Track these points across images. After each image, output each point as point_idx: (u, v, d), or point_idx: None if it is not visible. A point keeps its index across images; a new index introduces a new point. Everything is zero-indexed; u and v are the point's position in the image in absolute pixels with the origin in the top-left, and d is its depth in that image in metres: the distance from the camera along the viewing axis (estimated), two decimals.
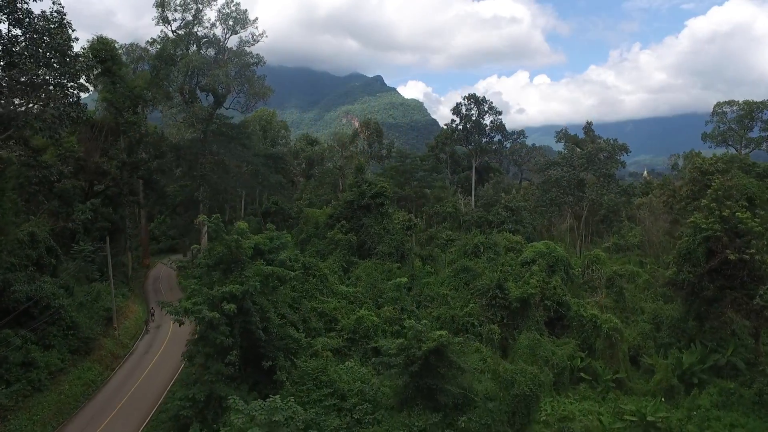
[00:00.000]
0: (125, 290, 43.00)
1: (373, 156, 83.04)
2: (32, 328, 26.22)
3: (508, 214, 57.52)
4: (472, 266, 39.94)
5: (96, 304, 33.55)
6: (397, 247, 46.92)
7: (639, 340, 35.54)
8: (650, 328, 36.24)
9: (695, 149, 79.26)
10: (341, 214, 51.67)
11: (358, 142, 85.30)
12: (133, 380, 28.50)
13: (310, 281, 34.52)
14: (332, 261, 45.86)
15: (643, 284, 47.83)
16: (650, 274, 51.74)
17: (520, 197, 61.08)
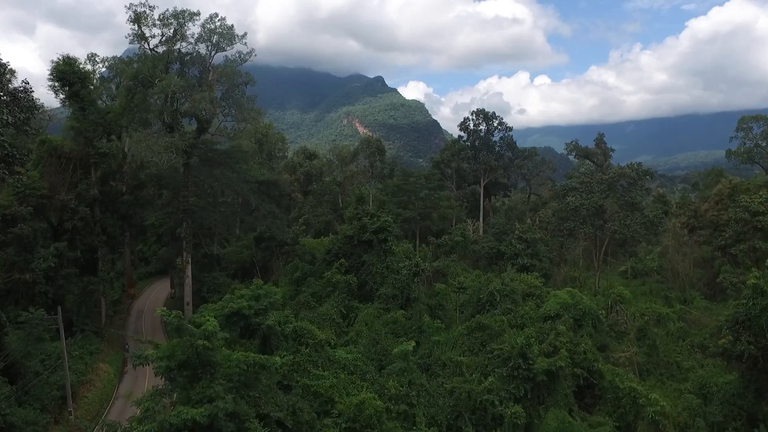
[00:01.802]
0: (96, 345, 38.06)
1: (374, 175, 77.97)
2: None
3: (523, 247, 52.48)
4: (489, 323, 34.99)
5: (51, 378, 28.55)
6: (402, 289, 42.10)
7: (685, 417, 30.53)
8: (698, 402, 31.18)
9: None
10: (340, 250, 46.79)
11: (359, 160, 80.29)
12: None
13: (303, 351, 29.56)
14: (330, 306, 41.03)
15: (676, 332, 42.94)
16: (680, 316, 47.01)
17: (536, 228, 55.98)
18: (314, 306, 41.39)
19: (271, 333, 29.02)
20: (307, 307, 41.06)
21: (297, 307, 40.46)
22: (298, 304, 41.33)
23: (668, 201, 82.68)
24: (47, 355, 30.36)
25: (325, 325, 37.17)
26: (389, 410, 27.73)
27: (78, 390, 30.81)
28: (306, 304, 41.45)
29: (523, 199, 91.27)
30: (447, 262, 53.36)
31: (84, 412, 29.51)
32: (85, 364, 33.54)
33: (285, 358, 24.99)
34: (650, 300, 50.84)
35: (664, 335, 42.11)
